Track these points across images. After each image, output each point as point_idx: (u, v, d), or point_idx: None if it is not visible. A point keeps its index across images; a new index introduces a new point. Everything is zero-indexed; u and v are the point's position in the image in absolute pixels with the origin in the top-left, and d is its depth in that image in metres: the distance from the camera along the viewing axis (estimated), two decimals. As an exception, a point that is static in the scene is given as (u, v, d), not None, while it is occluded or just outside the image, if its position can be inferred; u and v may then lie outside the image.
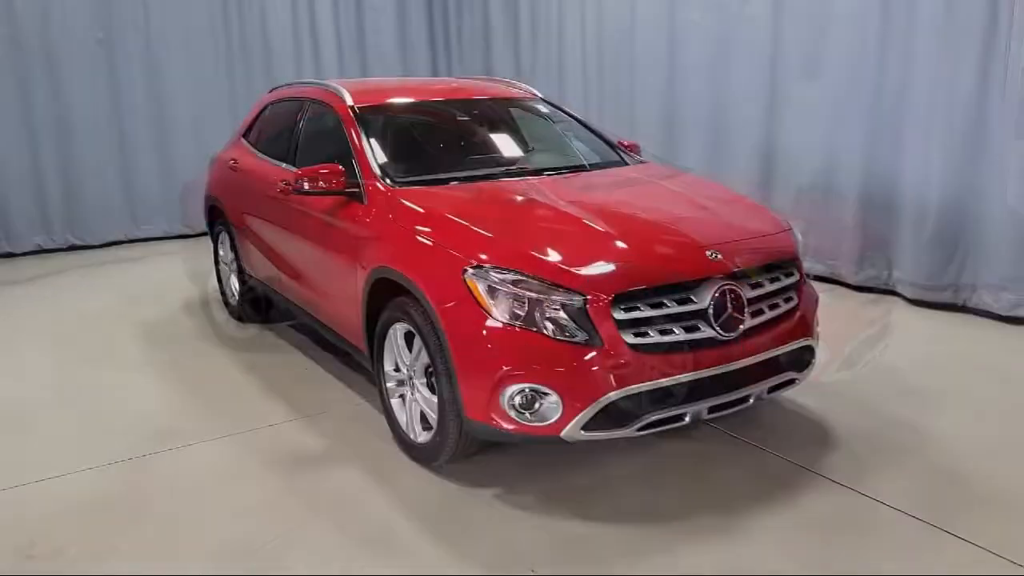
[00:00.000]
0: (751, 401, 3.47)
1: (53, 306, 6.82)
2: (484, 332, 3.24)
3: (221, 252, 6.28)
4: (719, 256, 3.41)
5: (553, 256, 3.32)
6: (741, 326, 3.36)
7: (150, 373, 5.13)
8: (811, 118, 6.56)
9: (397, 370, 3.92)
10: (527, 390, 3.18)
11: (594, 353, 3.15)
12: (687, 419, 3.31)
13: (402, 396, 3.94)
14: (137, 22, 8.93)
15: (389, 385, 3.98)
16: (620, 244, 3.43)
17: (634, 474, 3.66)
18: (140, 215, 9.33)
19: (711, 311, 3.29)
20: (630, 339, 3.18)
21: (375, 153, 4.28)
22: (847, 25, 6.19)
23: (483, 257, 3.33)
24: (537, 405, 3.20)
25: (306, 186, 4.15)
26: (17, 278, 7.89)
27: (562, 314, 3.19)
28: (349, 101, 4.65)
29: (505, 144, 4.90)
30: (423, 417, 3.76)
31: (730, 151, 7.27)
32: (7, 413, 4.58)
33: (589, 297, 3.17)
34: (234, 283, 6.11)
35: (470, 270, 3.31)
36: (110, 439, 4.19)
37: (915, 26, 5.73)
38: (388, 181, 4.10)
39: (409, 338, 3.77)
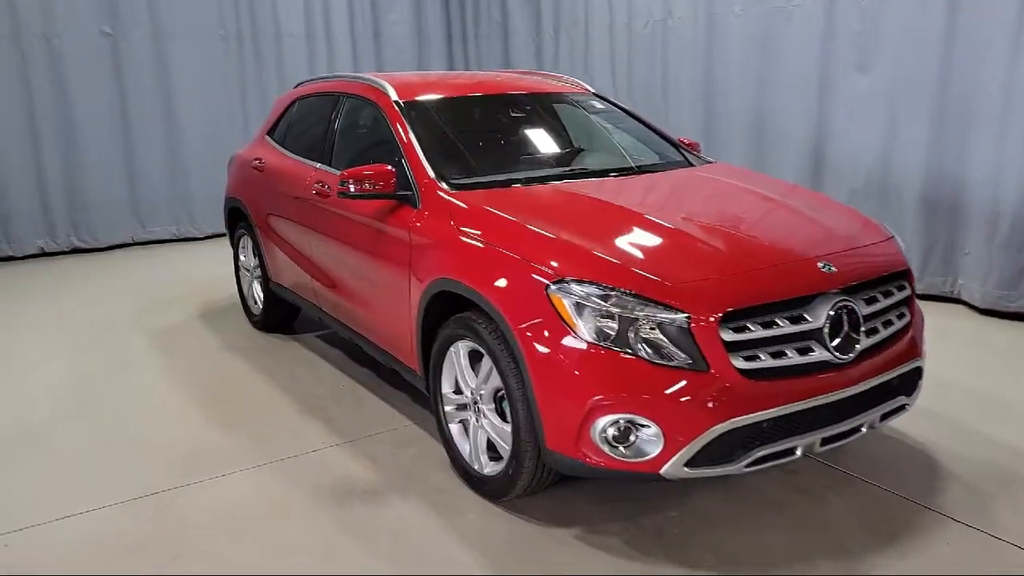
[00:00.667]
0: (863, 431, 3.10)
1: (62, 313, 6.41)
2: (572, 355, 2.86)
3: (242, 257, 5.89)
4: (832, 268, 3.03)
5: (650, 269, 2.94)
6: (857, 346, 2.99)
7: (173, 388, 4.74)
8: (865, 113, 6.19)
9: (458, 392, 3.54)
10: (623, 421, 2.81)
11: (700, 379, 2.77)
12: (798, 452, 2.94)
13: (463, 422, 3.56)
14: (144, 15, 8.50)
15: (447, 409, 3.60)
16: (723, 255, 3.05)
17: (729, 511, 3.28)
18: (147, 217, 8.93)
19: (826, 330, 2.92)
20: (739, 363, 2.80)
21: (427, 152, 3.89)
22: (906, 11, 5.81)
23: (569, 270, 2.95)
24: (633, 438, 2.82)
25: (351, 188, 3.77)
26: (20, 283, 7.49)
27: (661, 335, 2.81)
28: (393, 96, 4.26)
29: (563, 142, 4.52)
30: (490, 445, 3.38)
31: (775, 148, 6.91)
32: (19, 435, 4.18)
33: (693, 315, 2.79)
34: (257, 290, 5.72)
35: (554, 285, 2.93)
36: (136, 467, 3.80)
37: (988, 10, 5.35)
38: (445, 183, 3.71)
39: (474, 358, 3.39)
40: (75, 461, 3.89)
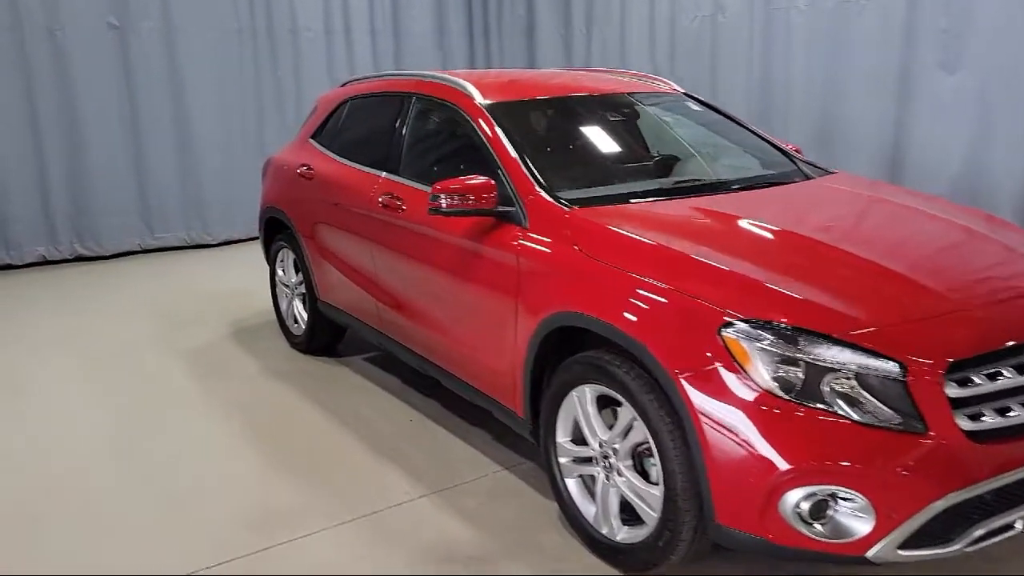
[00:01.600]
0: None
1: (75, 332, 5.83)
2: (755, 412, 2.38)
3: (280, 272, 5.36)
4: (1055, 306, 2.57)
5: (847, 307, 2.46)
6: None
7: (223, 426, 4.21)
8: (951, 115, 5.75)
9: (579, 443, 3.04)
10: (821, 494, 2.33)
11: (918, 442, 2.30)
12: (1018, 526, 2.47)
13: (583, 476, 3.07)
14: (153, 6, 7.92)
15: (563, 461, 3.11)
16: (930, 291, 2.58)
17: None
18: (156, 222, 8.34)
19: (1054, 381, 2.45)
20: (964, 423, 2.33)
21: (530, 162, 3.39)
22: (1000, 4, 5.37)
23: (749, 308, 2.47)
24: (831, 513, 2.35)
25: (444, 204, 3.27)
26: (22, 295, 6.89)
27: (861, 388, 2.33)
28: (478, 97, 3.76)
29: (669, 149, 4.04)
30: (624, 505, 2.90)
31: (844, 154, 6.45)
32: (55, 489, 3.64)
33: (911, 366, 2.31)
34: (298, 309, 5.20)
35: (730, 325, 2.44)
36: (201, 529, 3.27)
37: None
38: (555, 198, 3.21)
39: (602, 403, 2.90)
40: (128, 525, 3.34)
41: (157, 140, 8.16)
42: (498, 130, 3.55)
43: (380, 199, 4.07)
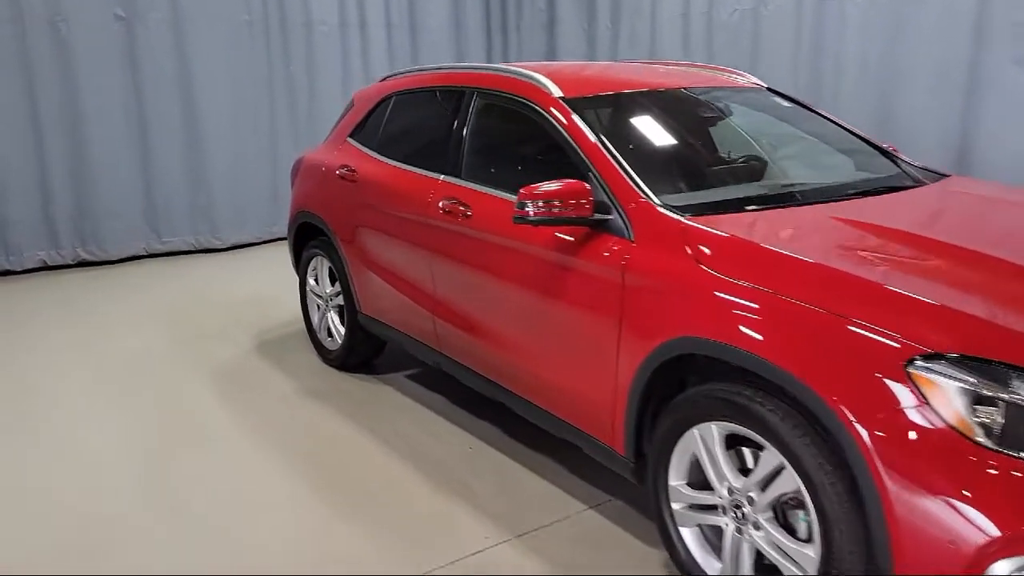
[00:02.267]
0: None
1: (83, 345, 5.39)
2: (957, 464, 1.99)
3: (312, 282, 4.93)
4: None
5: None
6: None
7: (265, 458, 3.79)
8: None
9: (697, 486, 2.65)
10: (1036, 566, 1.94)
11: None
12: None
13: (701, 526, 2.68)
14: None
15: (677, 507, 2.72)
16: None
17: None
18: (162, 225, 7.88)
19: None
20: None
21: (629, 164, 2.99)
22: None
23: (944, 340, 2.07)
24: (1045, 588, 1.96)
25: (531, 212, 2.86)
26: (23, 303, 6.43)
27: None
28: (556, 91, 3.35)
29: (768, 150, 3.64)
30: (759, 561, 2.50)
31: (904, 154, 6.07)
32: (103, 542, 3.21)
33: None
34: (334, 321, 4.79)
35: (922, 359, 2.05)
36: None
37: None
38: (663, 205, 2.82)
39: (729, 441, 2.51)
40: None
41: (164, 138, 7.71)
42: (586, 129, 3.15)
43: (440, 204, 3.66)
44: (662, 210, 2.78)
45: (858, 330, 2.16)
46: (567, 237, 2.99)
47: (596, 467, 3.13)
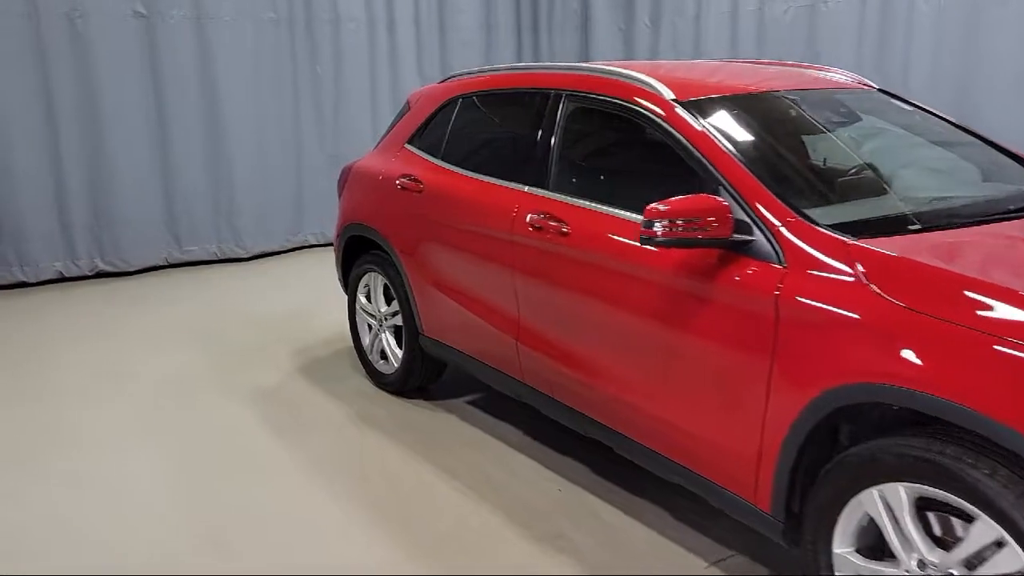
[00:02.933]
0: None
1: (108, 364, 4.98)
2: None
3: (363, 299, 4.55)
4: None
5: None
6: None
7: (327, 496, 3.41)
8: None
9: (868, 554, 2.27)
10: None
11: None
12: None
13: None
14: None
15: None
16: None
17: None
18: (184, 234, 7.47)
19: None
20: None
21: (770, 178, 2.62)
22: None
23: None
24: None
25: (659, 231, 2.49)
26: (39, 317, 6.03)
27: None
28: (668, 94, 2.98)
29: (900, 159, 3.28)
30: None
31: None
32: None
33: None
34: (389, 342, 4.40)
35: None
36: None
37: None
38: (829, 226, 2.44)
39: (920, 512, 2.14)
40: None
41: (186, 142, 7.30)
42: (715, 136, 2.77)
43: (528, 219, 3.28)
44: (823, 231, 2.40)
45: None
46: (695, 261, 2.62)
47: (706, 514, 2.77)
